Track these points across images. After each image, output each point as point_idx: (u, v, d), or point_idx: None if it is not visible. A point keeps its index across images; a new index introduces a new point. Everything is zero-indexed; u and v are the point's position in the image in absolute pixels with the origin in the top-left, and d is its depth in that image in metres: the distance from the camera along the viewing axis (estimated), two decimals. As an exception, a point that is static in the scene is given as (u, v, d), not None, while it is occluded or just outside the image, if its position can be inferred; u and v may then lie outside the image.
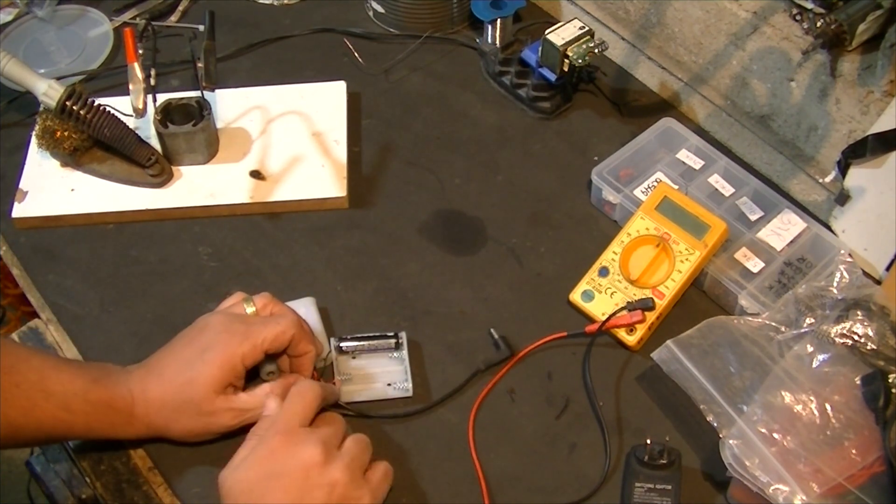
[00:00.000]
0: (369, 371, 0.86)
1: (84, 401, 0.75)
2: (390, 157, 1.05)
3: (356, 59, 1.15)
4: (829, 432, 0.75)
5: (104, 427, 0.77)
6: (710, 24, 0.99)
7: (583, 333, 0.88)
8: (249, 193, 0.99)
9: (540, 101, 1.08)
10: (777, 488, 0.71)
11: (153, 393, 0.77)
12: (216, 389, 0.76)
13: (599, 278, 0.91)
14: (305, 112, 1.07)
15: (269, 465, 0.70)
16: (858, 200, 0.92)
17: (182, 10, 1.22)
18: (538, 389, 0.86)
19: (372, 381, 0.85)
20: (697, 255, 0.89)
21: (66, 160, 1.01)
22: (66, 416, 0.74)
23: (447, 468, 0.81)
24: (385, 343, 0.86)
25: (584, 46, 1.03)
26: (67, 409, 0.74)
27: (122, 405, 0.76)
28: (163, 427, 0.78)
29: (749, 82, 0.99)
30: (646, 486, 0.77)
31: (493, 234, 0.98)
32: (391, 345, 0.86)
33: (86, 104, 0.94)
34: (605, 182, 0.97)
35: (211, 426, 0.78)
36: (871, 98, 0.88)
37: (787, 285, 0.89)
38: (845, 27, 0.85)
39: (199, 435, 0.79)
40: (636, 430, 0.83)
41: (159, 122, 0.99)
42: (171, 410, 0.77)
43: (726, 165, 0.98)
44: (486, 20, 1.12)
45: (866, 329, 0.80)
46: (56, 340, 0.90)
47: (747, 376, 0.80)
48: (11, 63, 0.94)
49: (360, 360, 0.87)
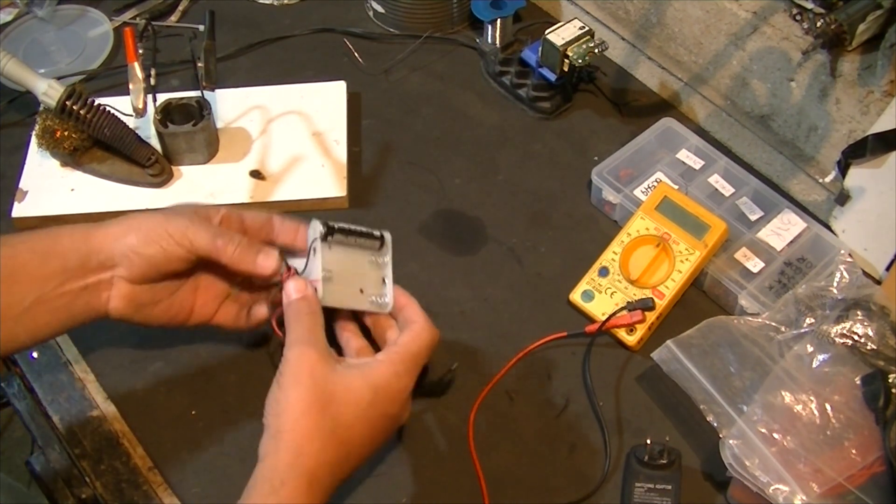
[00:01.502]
0: (350, 272, 0.79)
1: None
2: (390, 157, 1.05)
3: (356, 59, 1.15)
4: (829, 432, 0.75)
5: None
6: (710, 24, 0.99)
7: (583, 333, 0.88)
8: (249, 193, 0.99)
9: (540, 101, 1.08)
10: (777, 488, 0.71)
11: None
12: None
13: (599, 278, 0.91)
14: (305, 112, 1.07)
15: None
16: (858, 200, 0.92)
17: (182, 10, 1.22)
18: (538, 389, 0.86)
19: (350, 286, 0.79)
20: (697, 255, 0.89)
21: (66, 160, 1.01)
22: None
23: (447, 468, 0.81)
24: (370, 243, 0.80)
25: (584, 46, 1.03)
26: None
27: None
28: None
29: (749, 82, 0.99)
30: (646, 486, 0.77)
31: (493, 234, 0.98)
32: (376, 246, 0.81)
33: (86, 104, 0.94)
34: (605, 182, 0.97)
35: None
36: (871, 98, 0.88)
37: (787, 285, 0.89)
38: (845, 27, 0.85)
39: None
40: (636, 430, 0.83)
41: (159, 122, 0.99)
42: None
43: (726, 165, 0.98)
44: (486, 20, 1.12)
45: (866, 329, 0.80)
46: (56, 340, 0.90)
47: (747, 376, 0.80)
48: (11, 63, 0.94)
49: (339, 253, 0.78)
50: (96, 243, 0.73)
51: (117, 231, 0.73)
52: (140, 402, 0.85)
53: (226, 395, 0.85)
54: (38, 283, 0.71)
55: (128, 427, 0.84)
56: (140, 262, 0.73)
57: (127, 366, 0.88)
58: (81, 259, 0.72)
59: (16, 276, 0.70)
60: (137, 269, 0.73)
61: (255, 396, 0.85)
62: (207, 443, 0.82)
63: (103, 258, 0.73)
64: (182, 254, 0.73)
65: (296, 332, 0.71)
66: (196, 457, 0.81)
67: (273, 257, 0.75)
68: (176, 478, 0.80)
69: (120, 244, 0.73)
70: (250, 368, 0.87)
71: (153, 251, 0.73)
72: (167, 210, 0.77)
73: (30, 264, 0.71)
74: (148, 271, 0.74)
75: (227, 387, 0.86)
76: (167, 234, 0.73)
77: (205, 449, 0.81)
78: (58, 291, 0.71)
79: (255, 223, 0.79)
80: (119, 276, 0.73)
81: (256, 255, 0.75)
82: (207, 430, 0.83)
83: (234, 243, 0.74)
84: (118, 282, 0.74)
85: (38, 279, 0.71)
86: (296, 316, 0.72)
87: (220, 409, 0.85)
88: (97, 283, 0.73)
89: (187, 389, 0.86)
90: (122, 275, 0.73)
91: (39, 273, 0.71)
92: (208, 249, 0.74)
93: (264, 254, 0.75)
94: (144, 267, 0.73)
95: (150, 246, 0.73)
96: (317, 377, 0.68)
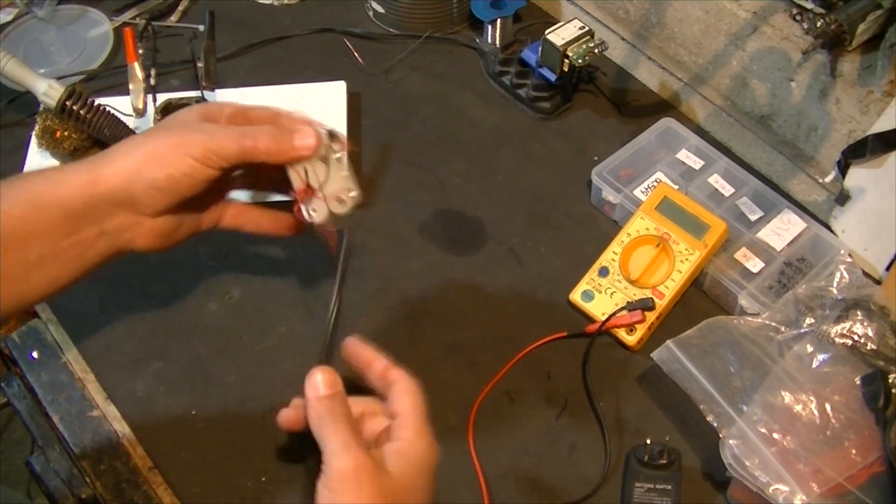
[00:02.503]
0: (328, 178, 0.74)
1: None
2: (390, 157, 1.05)
3: (356, 59, 1.15)
4: (829, 432, 0.75)
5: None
6: (710, 24, 1.00)
7: (583, 333, 0.88)
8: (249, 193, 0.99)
9: (540, 101, 1.08)
10: (777, 488, 0.71)
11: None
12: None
13: (599, 278, 0.91)
14: (305, 112, 1.06)
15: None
16: (858, 200, 0.92)
17: (182, 10, 1.22)
18: (538, 389, 0.86)
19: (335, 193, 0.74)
20: (697, 255, 0.89)
21: (66, 160, 1.01)
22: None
23: (447, 468, 0.81)
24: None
25: (584, 46, 1.03)
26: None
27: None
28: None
29: (749, 82, 0.99)
30: (646, 486, 0.77)
31: (493, 234, 0.98)
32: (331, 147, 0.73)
33: (86, 104, 0.94)
34: (605, 182, 0.97)
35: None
36: (871, 98, 0.88)
37: (787, 285, 0.89)
38: (845, 27, 0.85)
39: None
40: (636, 430, 0.83)
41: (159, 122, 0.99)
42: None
43: (726, 165, 0.98)
44: (486, 20, 1.12)
45: (866, 329, 0.80)
46: (56, 340, 0.90)
47: (747, 376, 0.80)
48: (11, 63, 0.94)
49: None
50: (106, 185, 0.64)
51: (129, 165, 0.65)
52: (140, 402, 0.85)
53: (226, 395, 0.85)
54: (39, 239, 0.63)
55: (128, 427, 0.84)
56: (163, 196, 0.65)
57: (127, 366, 0.88)
58: (90, 205, 0.64)
59: (15, 234, 0.62)
60: (161, 203, 0.66)
61: (256, 397, 0.85)
62: (207, 443, 0.82)
63: (119, 199, 0.65)
64: (211, 173, 0.66)
65: (339, 438, 0.62)
66: (196, 457, 0.81)
67: (310, 133, 0.68)
68: (176, 478, 0.80)
69: (137, 181, 0.64)
70: (251, 369, 0.87)
71: (178, 180, 0.65)
72: (173, 126, 0.68)
73: (26, 216, 0.63)
74: (173, 201, 0.66)
75: (227, 387, 0.86)
76: (190, 159, 0.65)
77: (205, 449, 0.81)
78: (66, 242, 0.64)
79: (261, 118, 0.72)
80: (141, 214, 0.66)
81: (292, 138, 0.68)
82: (207, 430, 0.83)
83: (265, 135, 0.67)
84: (141, 220, 0.67)
85: (38, 235, 0.63)
86: (332, 419, 0.63)
87: (220, 409, 0.85)
88: (117, 227, 0.66)
89: (187, 389, 0.86)
90: (144, 212, 0.66)
91: (40, 227, 0.63)
92: (240, 155, 0.66)
93: (300, 133, 0.68)
94: (169, 199, 0.66)
95: (172, 176, 0.65)
96: (378, 483, 0.61)
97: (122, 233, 0.66)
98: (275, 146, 0.67)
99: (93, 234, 0.65)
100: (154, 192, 0.65)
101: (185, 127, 0.67)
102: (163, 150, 0.65)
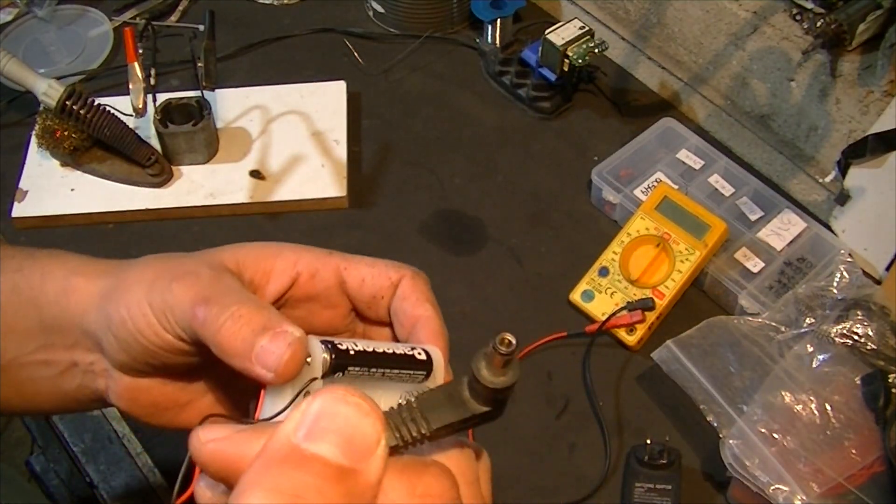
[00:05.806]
0: None
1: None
2: (390, 157, 1.05)
3: (356, 59, 1.15)
4: (829, 432, 0.75)
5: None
6: (710, 24, 0.99)
7: (583, 333, 0.88)
8: (249, 193, 0.99)
9: (540, 101, 1.08)
10: (777, 488, 0.71)
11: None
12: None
13: (599, 278, 0.91)
14: (305, 112, 1.07)
15: None
16: (858, 200, 0.92)
17: (182, 10, 1.22)
18: (538, 389, 0.86)
19: None
20: (697, 255, 0.89)
21: (66, 160, 1.01)
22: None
23: (447, 468, 0.81)
24: (407, 374, 0.50)
25: (584, 46, 1.03)
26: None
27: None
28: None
29: (749, 82, 0.99)
30: (646, 486, 0.77)
31: (493, 234, 0.98)
32: (418, 378, 0.52)
33: (86, 104, 0.94)
34: (605, 182, 0.97)
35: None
36: (871, 98, 0.88)
37: (787, 285, 0.89)
38: (845, 27, 0.85)
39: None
40: (636, 430, 0.83)
41: (159, 122, 0.99)
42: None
43: (726, 165, 0.98)
44: (486, 20, 1.12)
45: (866, 329, 0.80)
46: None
47: (747, 376, 0.80)
48: (11, 63, 0.94)
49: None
50: (77, 306, 0.49)
51: (97, 291, 0.48)
52: (140, 402, 0.85)
53: (226, 395, 0.85)
54: (15, 338, 0.50)
55: (128, 427, 0.84)
56: (119, 349, 0.47)
57: (127, 366, 0.88)
58: (63, 320, 0.49)
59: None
60: (119, 356, 0.47)
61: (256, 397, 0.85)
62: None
63: (87, 329, 0.48)
64: (168, 339, 0.45)
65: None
66: (196, 457, 0.81)
67: (280, 352, 0.41)
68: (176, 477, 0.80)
69: (100, 315, 0.47)
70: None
71: (132, 333, 0.45)
72: (175, 259, 0.49)
73: (6, 309, 0.50)
74: (133, 361, 0.47)
75: (227, 387, 0.86)
76: (147, 307, 0.45)
77: (205, 449, 0.81)
78: (40, 357, 0.50)
79: (365, 290, 0.52)
80: (111, 363, 0.48)
81: (255, 337, 0.42)
82: (207, 430, 0.83)
83: (226, 314, 0.42)
84: (112, 370, 0.48)
85: (13, 332, 0.50)
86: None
87: (220, 409, 0.85)
88: (89, 366, 0.49)
89: (187, 389, 0.86)
90: (111, 361, 0.48)
91: (14, 323, 0.50)
92: (192, 328, 0.44)
93: (271, 338, 0.41)
94: (125, 355, 0.47)
95: (125, 325, 0.45)
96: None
97: (95, 376, 0.50)
98: (225, 336, 0.42)
99: (65, 361, 0.50)
100: (110, 338, 0.47)
101: (184, 266, 0.48)
102: (132, 284, 0.46)
